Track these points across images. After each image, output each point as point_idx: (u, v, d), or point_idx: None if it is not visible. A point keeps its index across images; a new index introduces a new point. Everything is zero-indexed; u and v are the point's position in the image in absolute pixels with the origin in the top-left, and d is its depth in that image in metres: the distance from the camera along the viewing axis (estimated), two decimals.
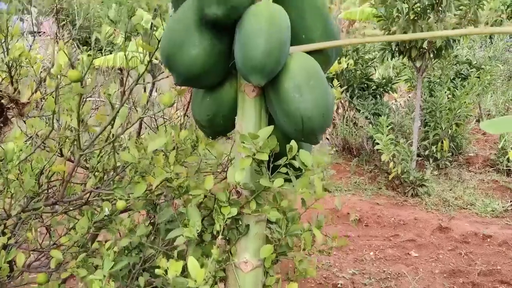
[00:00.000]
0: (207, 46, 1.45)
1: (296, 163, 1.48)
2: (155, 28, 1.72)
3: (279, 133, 1.55)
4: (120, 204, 1.81)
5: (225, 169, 3.24)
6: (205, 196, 1.59)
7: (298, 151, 1.49)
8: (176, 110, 2.56)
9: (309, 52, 1.55)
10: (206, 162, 2.13)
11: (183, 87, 2.07)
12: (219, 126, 1.67)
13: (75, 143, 1.92)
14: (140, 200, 1.78)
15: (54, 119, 1.88)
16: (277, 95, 1.48)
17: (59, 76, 1.58)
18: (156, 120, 3.06)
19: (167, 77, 1.88)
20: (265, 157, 1.41)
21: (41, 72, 2.89)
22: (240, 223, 1.57)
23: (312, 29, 1.58)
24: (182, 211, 1.65)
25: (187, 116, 2.70)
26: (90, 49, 9.00)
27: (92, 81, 1.92)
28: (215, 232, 1.49)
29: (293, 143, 1.48)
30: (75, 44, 8.38)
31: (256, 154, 1.42)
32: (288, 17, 1.49)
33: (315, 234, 1.74)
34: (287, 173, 1.52)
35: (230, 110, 1.62)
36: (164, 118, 2.96)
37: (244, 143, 1.44)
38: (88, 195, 1.86)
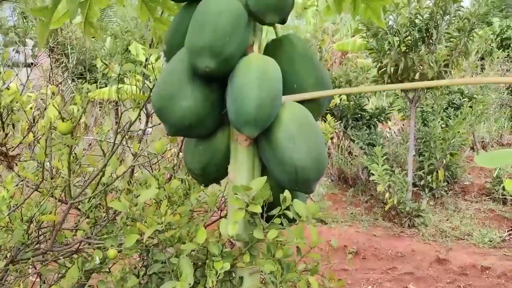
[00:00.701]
0: (199, 98, 1.45)
1: (290, 214, 1.46)
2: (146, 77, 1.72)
3: (272, 182, 1.53)
4: (112, 253, 1.78)
5: (220, 207, 3.20)
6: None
7: (292, 200, 1.47)
8: (170, 148, 2.54)
9: (301, 101, 1.55)
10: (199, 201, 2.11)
11: None
12: (212, 174, 1.66)
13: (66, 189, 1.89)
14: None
15: (44, 169, 1.87)
16: (270, 145, 1.47)
17: (51, 125, 1.57)
18: (149, 161, 3.04)
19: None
20: (258, 209, 1.39)
21: (33, 112, 2.89)
22: (234, 275, 1.53)
23: (304, 78, 1.58)
24: (174, 262, 1.61)
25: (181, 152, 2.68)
26: (86, 82, 9.05)
27: (82, 134, 1.91)
28: (207, 287, 1.45)
29: (287, 193, 1.47)
30: (70, 77, 8.43)
31: (249, 206, 1.40)
32: (280, 67, 1.50)
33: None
34: (281, 223, 1.50)
35: (222, 158, 1.61)
36: (157, 158, 2.94)
37: (237, 194, 1.42)
38: (78, 244, 1.82)
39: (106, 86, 8.85)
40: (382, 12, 2.11)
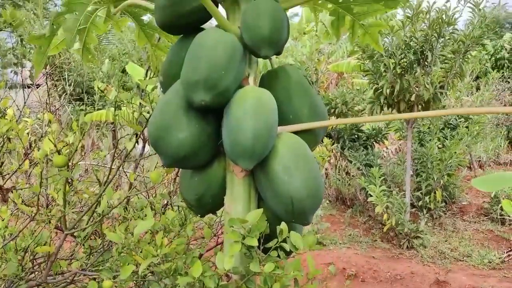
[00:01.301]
0: (194, 130, 1.45)
1: (287, 246, 1.45)
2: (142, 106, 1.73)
3: (269, 213, 1.53)
4: (107, 285, 1.76)
5: (217, 233, 3.17)
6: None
7: (289, 232, 1.46)
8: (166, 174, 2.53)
9: (297, 132, 1.55)
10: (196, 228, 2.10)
11: None
12: (208, 205, 1.65)
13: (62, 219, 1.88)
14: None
15: (40, 196, 1.86)
16: (266, 176, 1.47)
17: (46, 157, 1.56)
18: (146, 185, 3.03)
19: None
20: (254, 242, 1.38)
21: (29, 138, 2.88)
22: None
23: (300, 109, 1.59)
24: None
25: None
26: (83, 104, 9.08)
27: (78, 164, 1.90)
28: None
29: (283, 225, 1.46)
30: (68, 99, 8.45)
31: (246, 239, 1.39)
32: (275, 97, 1.51)
33: None
34: (278, 255, 1.49)
35: (218, 189, 1.60)
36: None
37: (233, 227, 1.41)
38: (73, 275, 1.80)
39: (103, 107, 8.88)
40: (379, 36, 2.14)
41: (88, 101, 8.70)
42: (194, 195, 1.62)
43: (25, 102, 3.29)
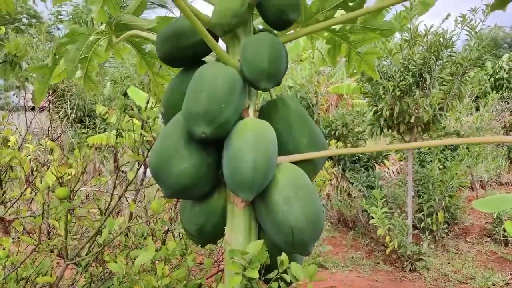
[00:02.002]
0: (195, 161, 1.47)
1: (288, 277, 1.45)
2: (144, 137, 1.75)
3: (270, 243, 1.54)
4: None
5: (218, 259, 3.16)
6: None
7: (290, 262, 1.47)
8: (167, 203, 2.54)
9: (297, 162, 1.57)
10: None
11: None
12: (208, 235, 1.65)
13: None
14: None
15: (42, 223, 1.86)
16: (266, 207, 1.48)
17: (49, 189, 1.58)
18: (146, 210, 3.03)
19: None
20: (255, 274, 1.38)
21: (31, 164, 2.90)
22: None
23: (299, 139, 1.61)
24: None
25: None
26: (85, 127, 9.13)
27: (79, 199, 1.92)
28: None
29: (283, 256, 1.46)
30: (69, 123, 8.50)
31: (246, 271, 1.39)
32: (275, 128, 1.53)
33: None
34: (279, 286, 1.49)
35: (219, 220, 1.61)
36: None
37: (233, 258, 1.41)
38: None
39: (105, 131, 8.93)
40: (376, 58, 2.18)
41: (89, 124, 8.75)
42: (194, 225, 1.63)
43: (27, 129, 3.31)
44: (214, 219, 1.61)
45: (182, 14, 1.49)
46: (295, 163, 1.57)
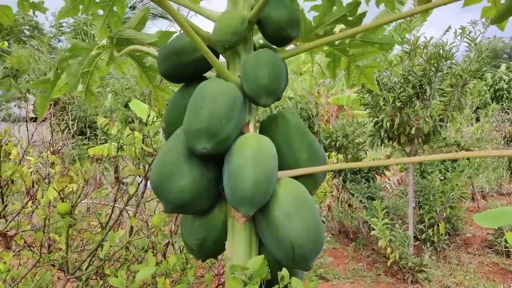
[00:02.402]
0: (196, 177, 1.48)
1: None
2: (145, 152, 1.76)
3: (270, 257, 1.54)
4: None
5: (219, 272, 3.15)
6: None
7: (290, 277, 1.47)
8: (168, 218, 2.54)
9: (297, 176, 1.58)
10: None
11: None
12: (209, 249, 1.66)
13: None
14: None
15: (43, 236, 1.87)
16: (267, 222, 1.48)
17: (49, 204, 1.58)
18: (147, 224, 3.03)
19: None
20: None
21: (32, 177, 2.90)
22: None
23: (299, 153, 1.62)
24: None
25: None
26: (86, 139, 9.15)
27: (81, 211, 1.92)
28: None
29: (284, 271, 1.46)
30: (72, 134, 8.52)
31: (247, 286, 1.39)
32: (275, 143, 1.54)
33: None
34: None
35: (220, 234, 1.62)
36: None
37: (234, 274, 1.41)
38: None
39: (106, 142, 8.95)
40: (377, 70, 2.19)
41: (90, 135, 8.77)
42: (195, 240, 1.63)
43: (29, 142, 3.32)
44: (215, 234, 1.62)
45: (183, 32, 1.51)
46: (295, 177, 1.58)
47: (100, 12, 2.28)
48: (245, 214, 1.42)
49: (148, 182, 3.21)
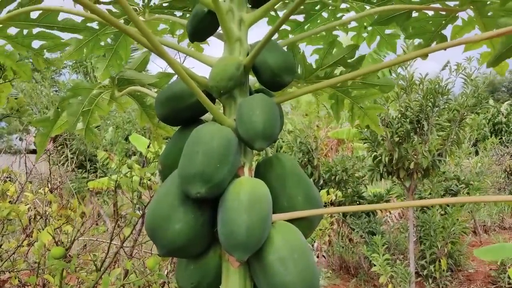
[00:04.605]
0: (190, 220, 1.48)
1: None
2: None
3: None
4: None
5: None
6: None
7: None
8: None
9: (292, 220, 1.58)
10: None
11: None
12: None
13: None
14: None
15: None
16: (261, 267, 1.47)
17: (43, 250, 1.58)
18: (144, 263, 3.00)
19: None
20: None
21: (29, 213, 2.90)
22: None
23: (294, 196, 1.62)
24: None
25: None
26: (86, 172, 9.15)
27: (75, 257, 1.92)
28: None
29: None
30: (72, 169, 8.53)
31: None
32: (270, 186, 1.54)
33: None
34: None
35: (214, 278, 1.60)
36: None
37: None
38: None
39: (105, 175, 8.95)
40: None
41: (90, 168, 8.78)
42: (190, 284, 1.62)
43: (27, 178, 3.33)
44: (209, 278, 1.60)
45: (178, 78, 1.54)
46: (290, 221, 1.58)
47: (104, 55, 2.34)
48: (238, 259, 1.41)
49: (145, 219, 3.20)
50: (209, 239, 1.58)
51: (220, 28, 1.76)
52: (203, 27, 1.78)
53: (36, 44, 2.13)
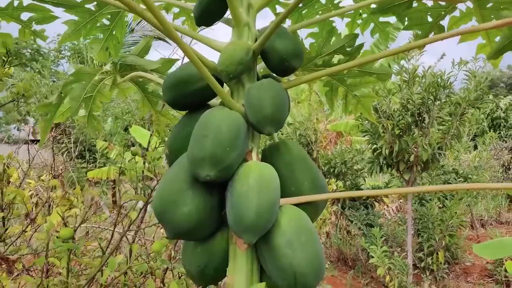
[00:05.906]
0: (199, 204, 1.49)
1: None
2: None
3: (271, 285, 1.53)
4: None
5: None
6: None
7: None
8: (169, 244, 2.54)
9: (299, 204, 1.59)
10: None
11: None
12: (210, 276, 1.65)
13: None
14: None
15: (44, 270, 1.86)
16: (268, 250, 1.48)
17: (51, 229, 1.59)
18: (146, 249, 3.01)
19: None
20: None
21: (32, 199, 2.91)
22: None
23: (301, 181, 1.63)
24: None
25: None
26: (85, 162, 9.15)
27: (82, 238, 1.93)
28: None
29: None
30: (71, 157, 8.52)
31: None
32: (277, 170, 1.55)
33: None
34: None
35: (221, 261, 1.61)
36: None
37: None
38: None
39: (104, 165, 8.95)
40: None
41: (90, 158, 8.78)
42: (196, 266, 1.63)
43: (29, 165, 3.33)
44: (216, 261, 1.62)
45: (188, 61, 1.55)
46: (297, 205, 1.59)
47: (100, 35, 2.32)
48: (247, 241, 1.42)
49: (148, 207, 3.21)
50: (217, 222, 1.59)
51: (227, 13, 1.76)
52: (211, 11, 1.78)
53: (24, 16, 2.09)
